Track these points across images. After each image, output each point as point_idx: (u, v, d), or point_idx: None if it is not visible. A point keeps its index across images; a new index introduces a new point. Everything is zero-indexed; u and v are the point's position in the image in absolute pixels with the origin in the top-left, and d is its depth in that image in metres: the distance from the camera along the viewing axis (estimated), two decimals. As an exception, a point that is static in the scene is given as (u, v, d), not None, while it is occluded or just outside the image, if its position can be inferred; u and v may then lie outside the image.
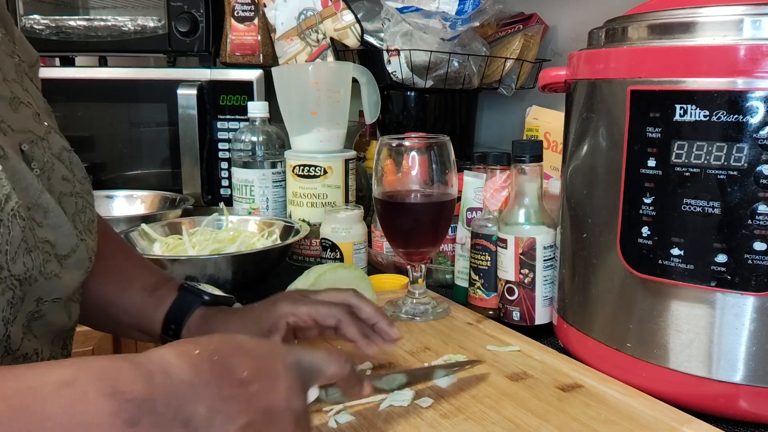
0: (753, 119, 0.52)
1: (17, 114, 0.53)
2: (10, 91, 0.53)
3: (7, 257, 0.46)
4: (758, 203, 0.53)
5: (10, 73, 0.55)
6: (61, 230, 0.52)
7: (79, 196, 0.57)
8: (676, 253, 0.57)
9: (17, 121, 0.52)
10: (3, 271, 0.46)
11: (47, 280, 0.50)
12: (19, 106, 0.54)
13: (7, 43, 0.57)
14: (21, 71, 0.58)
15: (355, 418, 0.56)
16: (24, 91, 0.56)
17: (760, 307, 0.54)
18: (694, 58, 0.56)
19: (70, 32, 1.41)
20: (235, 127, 1.30)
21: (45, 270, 0.49)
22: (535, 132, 1.12)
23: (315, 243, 1.04)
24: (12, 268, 0.46)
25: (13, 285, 0.47)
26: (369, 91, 1.14)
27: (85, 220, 0.57)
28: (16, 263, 0.46)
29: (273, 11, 1.32)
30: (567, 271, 0.71)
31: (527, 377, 0.65)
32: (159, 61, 1.61)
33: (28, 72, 0.60)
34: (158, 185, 1.36)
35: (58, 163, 0.56)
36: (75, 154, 0.60)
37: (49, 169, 0.54)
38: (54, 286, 0.51)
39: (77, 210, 0.56)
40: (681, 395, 0.59)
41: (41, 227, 0.50)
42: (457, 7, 1.08)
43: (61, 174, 0.55)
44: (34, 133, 0.54)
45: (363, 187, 1.22)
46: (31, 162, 0.52)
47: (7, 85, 0.53)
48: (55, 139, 0.57)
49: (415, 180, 0.80)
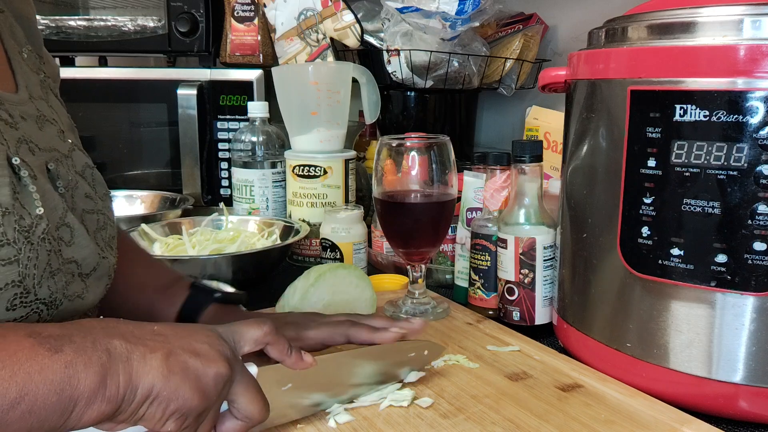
0: (753, 119, 0.52)
1: (42, 132, 0.53)
2: (36, 109, 0.54)
3: (34, 281, 0.46)
4: (758, 203, 0.53)
5: (35, 90, 0.56)
6: (85, 249, 0.52)
7: (101, 213, 0.58)
8: (676, 253, 0.57)
9: (43, 140, 0.52)
10: (30, 295, 0.46)
11: (71, 302, 0.50)
12: (45, 124, 0.54)
13: (33, 60, 0.58)
14: (46, 87, 0.58)
15: (355, 418, 0.56)
16: (49, 108, 0.56)
17: (760, 307, 0.54)
18: (694, 58, 0.56)
19: (70, 32, 1.41)
20: (235, 127, 1.30)
21: (68, 292, 0.50)
22: (535, 132, 1.12)
23: (315, 243, 1.04)
24: (38, 292, 0.46)
25: (39, 309, 0.47)
26: (369, 91, 1.14)
27: (106, 237, 0.57)
28: (42, 287, 0.47)
29: (273, 11, 1.32)
30: (567, 271, 0.71)
31: (527, 377, 0.65)
32: (159, 61, 1.61)
33: (53, 87, 0.60)
34: (158, 185, 1.36)
35: (81, 181, 0.56)
36: (97, 171, 0.60)
37: (72, 188, 0.54)
38: (77, 307, 0.52)
39: (98, 227, 0.57)
40: (681, 395, 0.59)
41: (69, 247, 0.50)
42: (457, 7, 1.08)
43: (84, 191, 0.56)
44: (59, 151, 0.54)
45: (363, 187, 1.22)
46: (56, 181, 0.52)
47: (33, 103, 0.54)
48: (78, 157, 0.57)
49: (415, 180, 0.80)
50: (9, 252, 0.44)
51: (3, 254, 0.44)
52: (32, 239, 0.46)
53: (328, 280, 0.77)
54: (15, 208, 0.45)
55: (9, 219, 0.45)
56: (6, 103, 0.50)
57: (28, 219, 0.46)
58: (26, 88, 0.54)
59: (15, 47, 0.56)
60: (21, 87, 0.54)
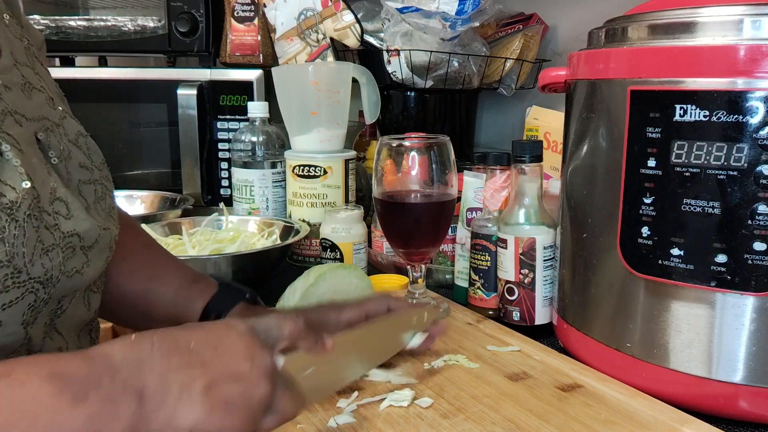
0: (753, 119, 0.52)
1: (31, 101, 0.50)
2: (22, 75, 0.51)
3: (25, 260, 0.44)
4: (758, 203, 0.53)
5: (20, 56, 0.52)
6: (85, 221, 0.50)
7: (98, 183, 0.55)
8: (676, 253, 0.57)
9: (31, 109, 0.49)
10: (22, 274, 0.43)
11: (69, 278, 0.48)
12: (32, 91, 0.51)
13: (14, 26, 0.55)
14: (31, 54, 0.55)
15: (355, 419, 0.56)
16: (36, 75, 0.53)
17: (760, 307, 0.54)
18: (694, 58, 0.56)
19: (70, 32, 1.41)
20: (235, 127, 1.30)
21: (66, 268, 0.47)
22: (535, 132, 1.12)
23: (315, 243, 1.04)
24: (31, 270, 0.44)
25: (35, 288, 0.45)
26: (369, 91, 1.14)
27: (105, 207, 0.55)
28: (35, 265, 0.44)
29: (273, 11, 1.32)
30: (567, 271, 0.71)
31: (527, 377, 0.65)
32: (159, 61, 1.61)
33: (38, 55, 0.57)
34: (158, 185, 1.35)
35: (75, 150, 0.53)
36: (92, 139, 0.57)
37: (66, 157, 0.51)
38: (76, 283, 0.49)
39: (97, 198, 0.54)
40: (681, 395, 0.59)
41: (68, 220, 0.48)
42: (457, 7, 1.08)
43: (78, 161, 0.53)
44: (49, 119, 0.51)
45: (363, 187, 1.22)
46: (48, 151, 0.49)
47: (18, 69, 0.51)
48: (70, 125, 0.54)
49: (415, 180, 0.80)
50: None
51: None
52: (17, 216, 0.43)
53: (328, 280, 0.76)
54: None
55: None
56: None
57: (11, 194, 0.43)
58: (11, 54, 0.51)
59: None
60: (5, 52, 0.50)
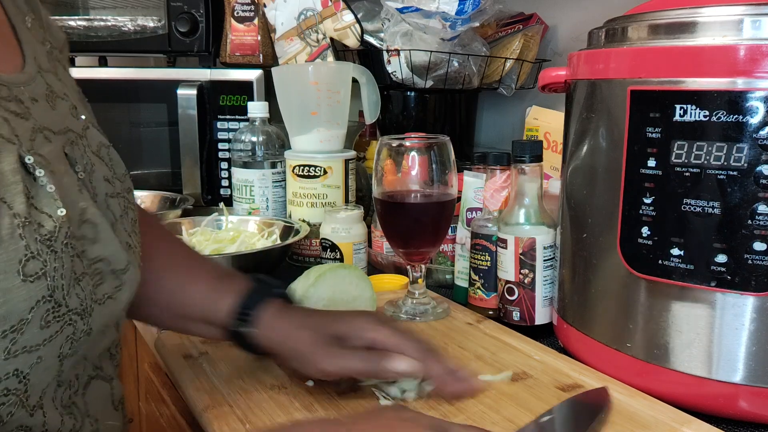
0: (753, 119, 0.52)
1: (55, 111, 0.48)
2: (46, 84, 0.49)
3: (64, 292, 0.42)
4: (758, 203, 0.53)
5: (43, 62, 0.50)
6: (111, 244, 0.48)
7: (121, 196, 0.53)
8: (676, 253, 0.57)
9: (56, 121, 0.47)
10: (61, 308, 0.42)
11: (102, 306, 0.46)
12: (56, 101, 0.49)
13: (37, 29, 0.52)
14: (53, 59, 0.53)
15: (355, 418, 0.56)
16: (59, 82, 0.51)
17: (760, 307, 0.54)
18: (694, 58, 0.56)
19: (70, 32, 1.41)
20: (235, 127, 1.30)
21: (97, 296, 0.46)
22: (535, 132, 1.12)
23: (315, 243, 1.04)
24: (69, 302, 0.42)
25: (73, 321, 0.43)
26: (369, 91, 1.14)
27: (129, 221, 0.53)
28: (71, 297, 0.43)
29: (273, 11, 1.32)
30: (567, 271, 0.71)
31: (527, 377, 0.65)
32: (159, 61, 1.61)
33: (60, 58, 0.55)
34: (158, 185, 1.35)
35: (98, 163, 0.51)
36: (114, 149, 0.55)
37: (90, 171, 0.49)
38: (112, 310, 0.48)
39: (122, 212, 0.52)
40: (681, 395, 0.59)
41: (94, 245, 0.46)
42: (457, 7, 1.08)
43: (102, 174, 0.51)
44: (73, 131, 0.49)
45: (363, 187, 1.22)
46: (75, 165, 0.47)
47: (42, 77, 0.49)
48: (93, 135, 0.52)
49: (415, 180, 0.80)
50: (35, 266, 0.40)
51: (29, 270, 0.39)
52: (55, 247, 0.41)
53: (328, 280, 0.76)
54: (32, 215, 0.41)
55: (29, 230, 0.40)
56: (14, 89, 0.45)
57: (48, 224, 0.41)
58: (34, 60, 0.49)
59: (18, 14, 0.50)
60: (29, 59, 0.48)
